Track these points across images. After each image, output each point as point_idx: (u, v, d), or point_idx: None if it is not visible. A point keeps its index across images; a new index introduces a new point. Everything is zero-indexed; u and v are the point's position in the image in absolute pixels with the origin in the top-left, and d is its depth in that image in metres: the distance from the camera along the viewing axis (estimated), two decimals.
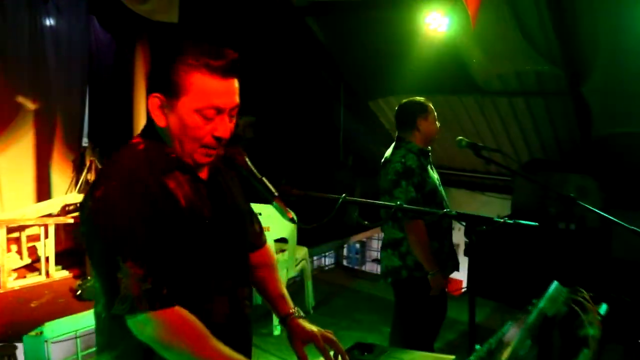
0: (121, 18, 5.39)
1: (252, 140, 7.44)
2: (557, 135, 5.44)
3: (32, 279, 4.06)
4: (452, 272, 2.99)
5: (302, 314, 1.62)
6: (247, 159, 1.31)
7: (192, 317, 1.26)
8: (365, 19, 4.75)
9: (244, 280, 1.49)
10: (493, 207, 6.13)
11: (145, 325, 1.22)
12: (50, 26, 4.71)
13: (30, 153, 4.72)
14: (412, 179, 2.76)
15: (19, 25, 4.44)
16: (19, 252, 4.25)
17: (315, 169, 6.72)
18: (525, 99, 5.12)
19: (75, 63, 4.97)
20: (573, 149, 5.39)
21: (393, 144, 2.95)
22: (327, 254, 6.52)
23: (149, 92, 1.31)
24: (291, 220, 1.25)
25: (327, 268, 6.45)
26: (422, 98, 2.91)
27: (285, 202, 1.30)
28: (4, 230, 3.85)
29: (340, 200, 1.35)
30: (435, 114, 2.90)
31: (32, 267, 4.30)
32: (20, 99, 4.55)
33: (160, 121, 1.31)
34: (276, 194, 1.27)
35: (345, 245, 7.09)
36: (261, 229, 1.75)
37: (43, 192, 4.78)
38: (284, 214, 1.24)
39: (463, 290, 5.60)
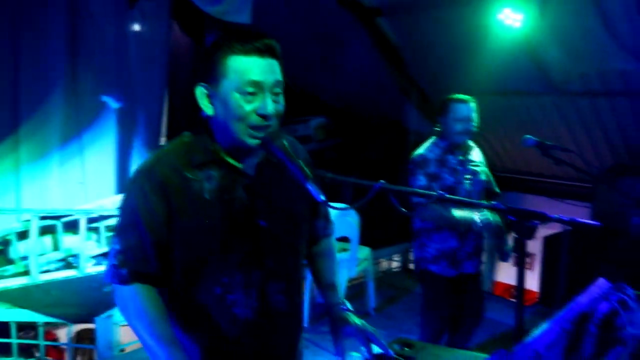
0: (200, 23, 5.65)
1: (324, 142, 7.52)
2: None
3: None
4: (469, 271, 2.99)
5: (348, 306, 1.62)
6: (284, 142, 1.33)
7: (143, 298, 1.38)
8: (436, 17, 4.64)
9: (281, 274, 1.50)
10: (573, 215, 5.73)
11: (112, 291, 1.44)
12: (134, 30, 5.00)
13: (112, 148, 5.05)
14: (425, 168, 2.83)
15: (105, 29, 4.76)
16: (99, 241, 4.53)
17: (387, 171, 6.63)
18: (608, 99, 4.77)
19: (155, 65, 5.23)
20: None
21: None
22: (394, 256, 6.44)
23: (195, 84, 1.39)
24: (323, 202, 1.26)
25: (393, 271, 6.37)
26: (459, 95, 2.92)
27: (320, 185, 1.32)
28: (85, 220, 4.12)
29: (377, 186, 1.33)
30: (461, 113, 2.87)
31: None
32: (105, 98, 4.88)
33: (207, 109, 1.38)
34: (310, 176, 1.28)
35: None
36: (327, 221, 1.76)
37: (123, 185, 5.08)
38: (316, 195, 1.26)
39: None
